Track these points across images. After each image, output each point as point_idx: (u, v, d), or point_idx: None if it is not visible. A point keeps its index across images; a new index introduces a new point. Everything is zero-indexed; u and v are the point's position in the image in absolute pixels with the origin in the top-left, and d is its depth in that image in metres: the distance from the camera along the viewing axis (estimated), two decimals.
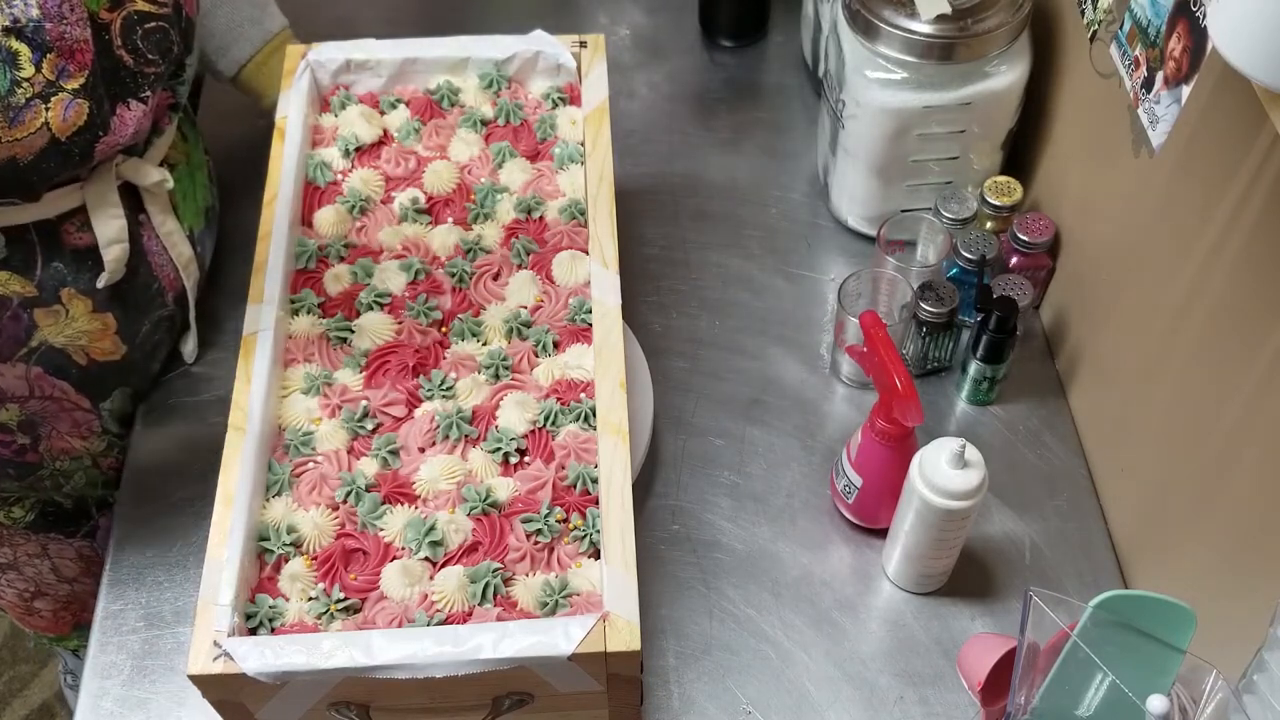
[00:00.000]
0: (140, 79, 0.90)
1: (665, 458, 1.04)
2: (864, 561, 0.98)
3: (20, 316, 0.92)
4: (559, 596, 0.78)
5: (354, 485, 0.83)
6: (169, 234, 1.00)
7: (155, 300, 1.01)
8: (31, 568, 1.17)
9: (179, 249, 1.01)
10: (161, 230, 0.99)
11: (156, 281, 1.00)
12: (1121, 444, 0.99)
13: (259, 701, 0.77)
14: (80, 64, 0.84)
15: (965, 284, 1.05)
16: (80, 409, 1.01)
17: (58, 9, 0.82)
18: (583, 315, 0.92)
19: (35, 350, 0.94)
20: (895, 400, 0.86)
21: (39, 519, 1.12)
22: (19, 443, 1.00)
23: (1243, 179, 0.77)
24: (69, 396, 0.99)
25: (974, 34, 1.00)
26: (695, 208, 1.22)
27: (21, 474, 1.03)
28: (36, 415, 0.98)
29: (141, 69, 0.90)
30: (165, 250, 1.00)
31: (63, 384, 0.98)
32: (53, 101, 0.83)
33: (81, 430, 1.02)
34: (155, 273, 0.99)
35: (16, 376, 0.94)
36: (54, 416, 0.99)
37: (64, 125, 0.84)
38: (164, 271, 1.01)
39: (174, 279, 1.02)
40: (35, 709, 1.70)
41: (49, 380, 0.96)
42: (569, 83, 1.06)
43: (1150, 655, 0.73)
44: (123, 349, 1.00)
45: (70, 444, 1.03)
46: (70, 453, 1.04)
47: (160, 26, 0.91)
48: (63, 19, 0.82)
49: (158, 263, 1.00)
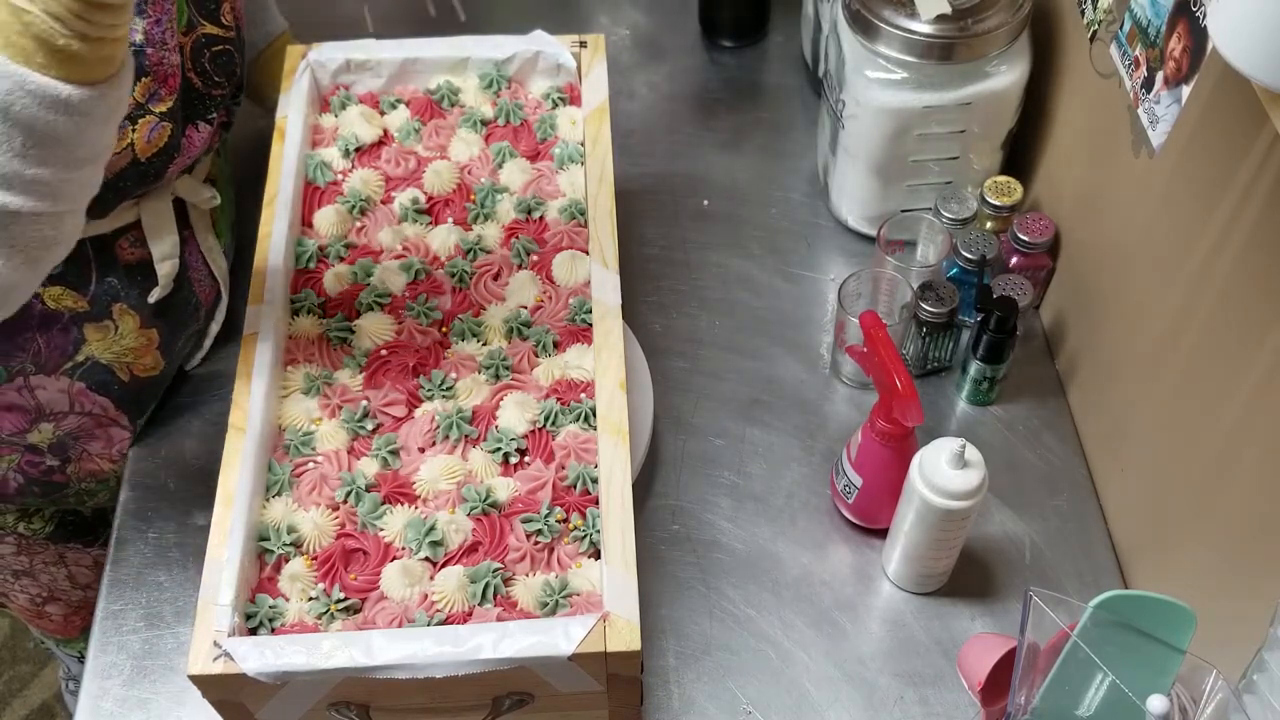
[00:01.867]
0: (209, 101, 0.92)
1: (665, 458, 1.04)
2: (864, 561, 0.99)
3: (70, 330, 0.93)
4: (559, 596, 0.78)
5: (354, 485, 0.83)
6: (210, 249, 1.02)
7: (193, 315, 1.03)
8: (47, 575, 1.17)
9: (218, 263, 1.03)
10: (204, 246, 1.01)
11: (195, 296, 1.02)
12: (1121, 444, 0.99)
13: (259, 701, 0.77)
14: (170, 89, 0.86)
15: (965, 284, 1.05)
16: (117, 425, 1.01)
17: (160, 36, 0.84)
18: (583, 315, 0.92)
19: (80, 365, 0.95)
20: (895, 400, 0.86)
21: (58, 529, 1.12)
22: (48, 464, 1.00)
23: (1243, 179, 0.77)
24: (108, 413, 1.00)
25: (974, 34, 1.00)
26: (695, 208, 1.22)
27: (46, 492, 1.04)
28: (70, 435, 0.99)
29: (210, 91, 0.92)
30: (205, 265, 1.02)
31: (103, 400, 0.98)
32: (140, 124, 0.84)
33: (112, 452, 1.03)
34: (194, 288, 1.01)
35: (59, 390, 0.95)
36: (88, 435, 1.00)
37: (147, 147, 0.85)
38: (201, 286, 1.02)
39: (208, 292, 1.04)
40: (35, 709, 1.70)
41: (90, 396, 0.97)
42: (569, 83, 1.06)
43: (1150, 655, 0.73)
44: (162, 364, 1.01)
45: (99, 465, 1.03)
46: (98, 475, 1.04)
47: (226, 50, 0.93)
48: (163, 44, 0.84)
49: (197, 278, 1.01)
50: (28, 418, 0.95)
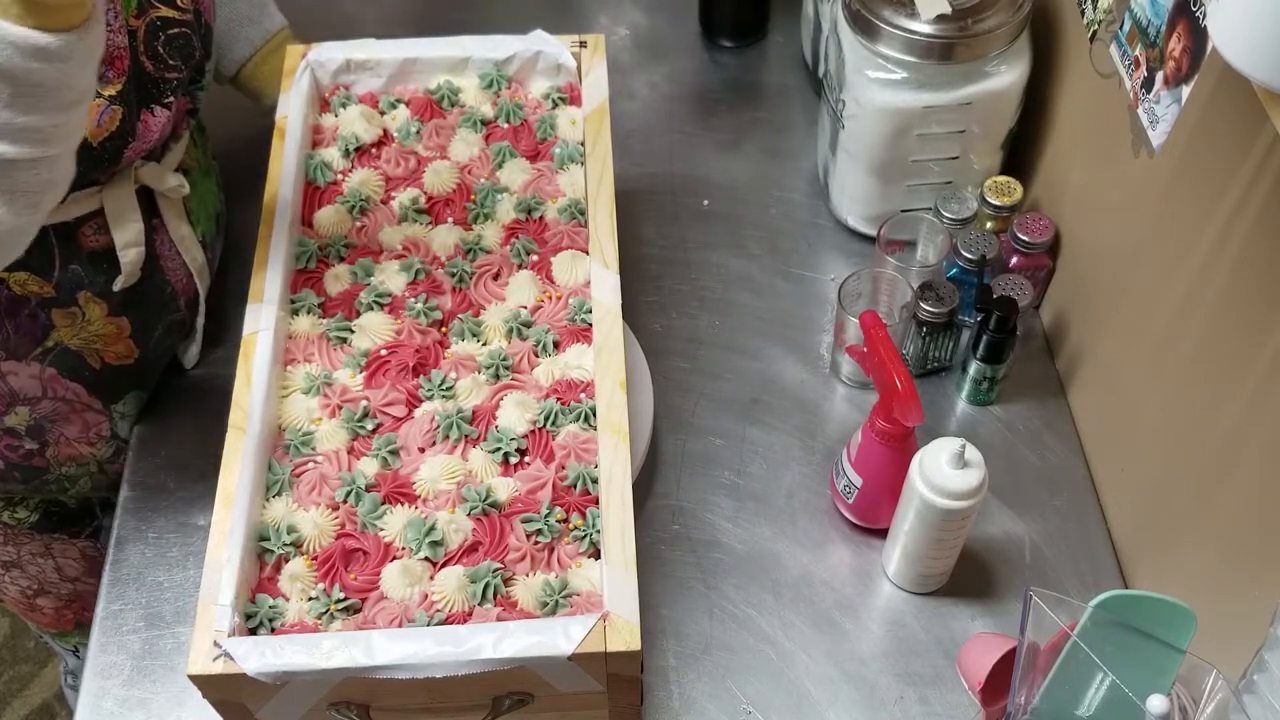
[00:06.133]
0: (163, 85, 0.91)
1: (665, 458, 1.04)
2: (864, 561, 0.99)
3: (38, 315, 0.92)
4: (559, 596, 0.78)
5: (354, 485, 0.83)
6: (182, 239, 1.00)
7: (168, 304, 1.01)
8: (35, 566, 1.17)
9: (193, 254, 1.02)
10: (176, 235, 1.00)
11: (169, 286, 1.01)
12: (1121, 444, 0.99)
13: (259, 701, 0.77)
14: (118, 71, 0.85)
15: (965, 284, 1.05)
16: (91, 409, 1.01)
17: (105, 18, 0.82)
18: (583, 315, 0.92)
19: (51, 351, 0.94)
20: (895, 400, 0.86)
21: (43, 519, 1.12)
22: (26, 448, 1.00)
23: (1243, 179, 0.77)
24: (81, 399, 0.99)
25: (974, 34, 1.00)
26: (695, 208, 1.22)
27: (27, 477, 1.03)
28: (46, 419, 0.98)
29: (163, 75, 0.90)
30: (178, 255, 1.01)
31: (76, 386, 0.98)
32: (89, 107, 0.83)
33: (90, 435, 1.02)
34: (168, 277, 1.00)
35: (31, 376, 0.95)
36: (64, 419, 0.99)
37: (98, 131, 0.84)
38: (177, 276, 1.01)
39: (186, 283, 1.03)
40: (35, 709, 1.70)
41: (62, 382, 0.97)
42: (569, 83, 1.06)
43: (1150, 655, 0.73)
44: (136, 353, 1.00)
45: (78, 450, 1.03)
46: (77, 459, 1.04)
47: (183, 33, 0.92)
48: (106, 26, 0.83)
49: (170, 267, 1.00)
50: (2, 402, 0.95)
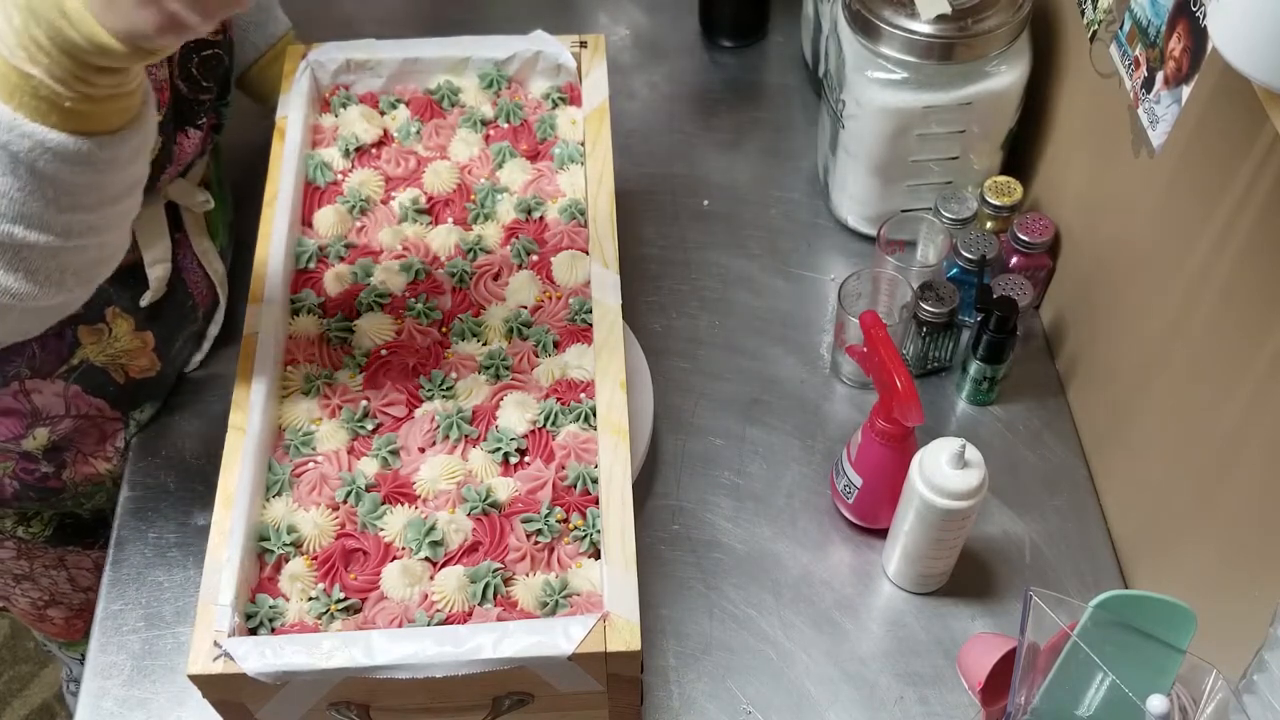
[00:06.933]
0: (196, 106, 0.91)
1: (665, 458, 1.04)
2: (864, 561, 0.99)
3: (64, 334, 0.93)
4: (559, 596, 0.78)
5: (354, 485, 0.83)
6: (204, 252, 1.02)
7: (189, 316, 1.03)
8: (47, 578, 1.17)
9: (214, 266, 1.03)
10: (199, 249, 1.01)
11: (191, 298, 1.02)
12: (1121, 444, 0.99)
13: (259, 701, 0.77)
14: (160, 103, 0.85)
15: (965, 284, 1.05)
16: (112, 423, 1.01)
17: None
18: (583, 315, 0.92)
19: (76, 368, 0.95)
20: (895, 400, 0.86)
21: (57, 533, 1.12)
22: (42, 471, 1.00)
23: (1243, 179, 0.77)
24: (103, 414, 1.00)
25: (974, 34, 1.00)
26: (695, 208, 1.22)
27: (43, 497, 1.04)
28: (65, 439, 0.99)
29: (197, 96, 0.91)
30: (200, 267, 1.02)
31: (99, 402, 0.98)
32: None
33: (107, 449, 1.03)
34: (190, 290, 1.01)
35: (55, 394, 0.95)
36: (83, 436, 1.00)
37: None
38: (198, 288, 1.02)
39: (205, 295, 1.04)
40: (35, 709, 1.70)
41: (85, 399, 0.97)
42: (569, 83, 1.06)
43: (1150, 655, 0.73)
44: (158, 366, 1.01)
45: (94, 469, 1.03)
46: (93, 478, 1.04)
47: (215, 54, 0.92)
48: None
49: (193, 280, 1.01)
50: (23, 422, 0.95)
